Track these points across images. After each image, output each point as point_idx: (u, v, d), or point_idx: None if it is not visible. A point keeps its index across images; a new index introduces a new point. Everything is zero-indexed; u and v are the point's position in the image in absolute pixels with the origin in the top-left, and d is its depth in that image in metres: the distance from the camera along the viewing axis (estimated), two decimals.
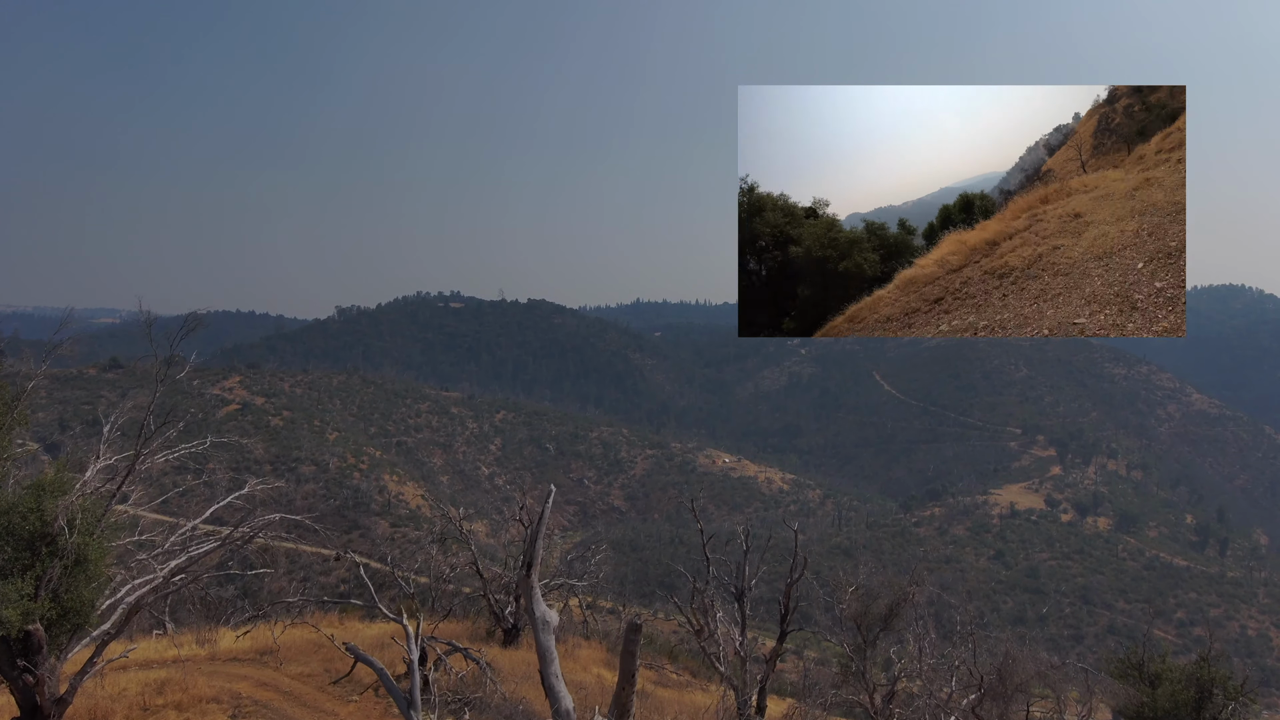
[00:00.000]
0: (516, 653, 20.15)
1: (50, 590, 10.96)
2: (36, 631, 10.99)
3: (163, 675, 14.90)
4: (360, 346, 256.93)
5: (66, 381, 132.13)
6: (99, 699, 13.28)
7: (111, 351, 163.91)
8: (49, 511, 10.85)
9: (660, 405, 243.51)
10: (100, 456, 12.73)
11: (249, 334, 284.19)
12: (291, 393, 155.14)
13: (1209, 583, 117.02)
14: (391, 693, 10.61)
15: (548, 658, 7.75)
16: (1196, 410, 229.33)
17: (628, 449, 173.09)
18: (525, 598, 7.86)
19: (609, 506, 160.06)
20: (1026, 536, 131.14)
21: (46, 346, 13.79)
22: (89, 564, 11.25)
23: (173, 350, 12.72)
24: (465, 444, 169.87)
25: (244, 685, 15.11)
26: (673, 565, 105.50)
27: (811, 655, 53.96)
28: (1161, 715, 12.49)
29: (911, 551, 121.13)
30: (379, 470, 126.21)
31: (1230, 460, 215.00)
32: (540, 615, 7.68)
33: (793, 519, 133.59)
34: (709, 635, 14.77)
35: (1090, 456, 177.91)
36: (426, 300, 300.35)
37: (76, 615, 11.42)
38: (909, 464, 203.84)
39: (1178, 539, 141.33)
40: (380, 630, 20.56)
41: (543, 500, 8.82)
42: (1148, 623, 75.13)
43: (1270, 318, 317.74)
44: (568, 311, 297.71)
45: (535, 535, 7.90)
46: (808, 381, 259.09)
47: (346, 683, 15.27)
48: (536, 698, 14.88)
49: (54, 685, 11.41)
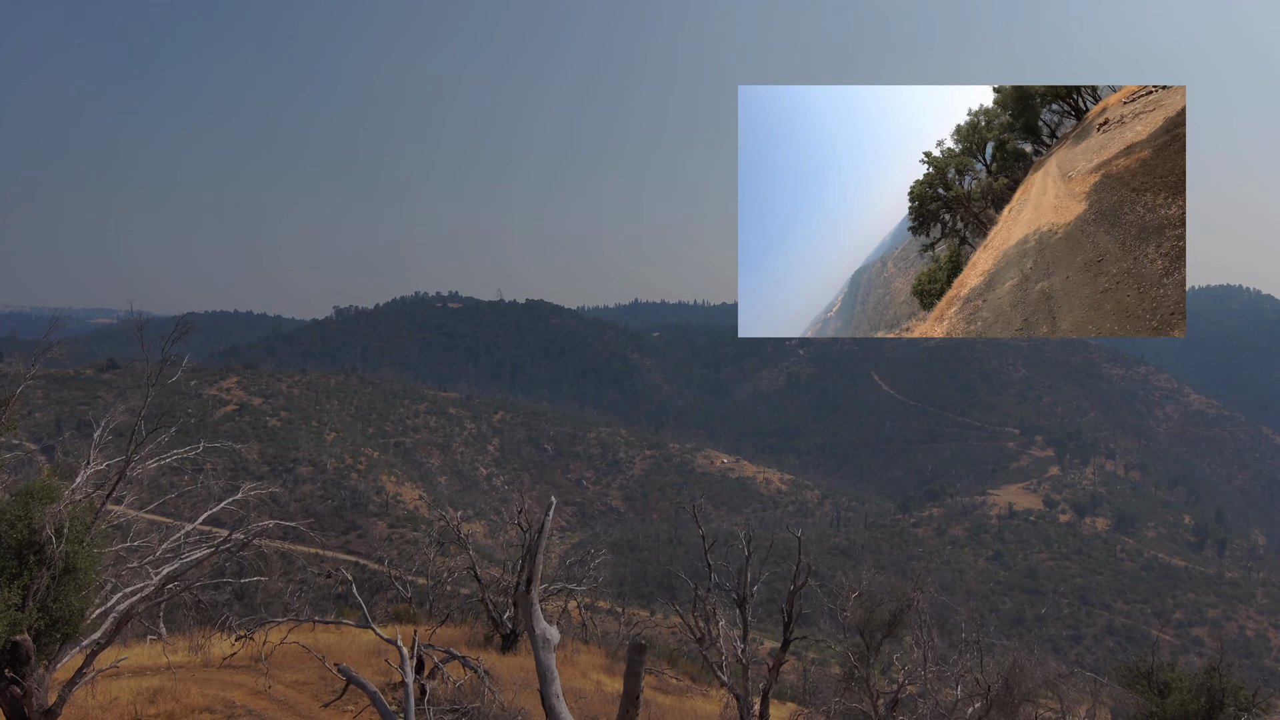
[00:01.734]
0: (515, 659, 19.90)
1: (38, 600, 10.71)
2: (24, 642, 10.74)
3: (155, 683, 14.65)
4: (358, 347, 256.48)
5: (63, 382, 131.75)
6: (89, 709, 13.04)
7: (109, 352, 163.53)
8: (36, 520, 10.61)
9: (659, 406, 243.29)
10: (90, 462, 12.49)
11: (247, 334, 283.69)
12: (289, 393, 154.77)
13: (1207, 583, 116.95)
14: (385, 717, 10.31)
15: (548, 677, 7.49)
16: (1194, 411, 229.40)
17: (626, 449, 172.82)
18: (525, 615, 7.62)
19: (607, 507, 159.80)
20: (1025, 537, 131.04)
21: (37, 349, 13.56)
22: (78, 573, 11.00)
23: (165, 353, 12.47)
24: (463, 444, 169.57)
25: (238, 694, 14.86)
26: (671, 567, 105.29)
27: (811, 656, 53.76)
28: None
29: (910, 552, 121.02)
30: (377, 471, 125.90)
31: (1228, 460, 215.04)
32: (540, 633, 7.42)
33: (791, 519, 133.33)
34: (711, 644, 14.54)
35: (1088, 457, 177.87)
36: (424, 300, 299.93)
37: (66, 625, 11.17)
38: (907, 464, 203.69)
39: (1176, 539, 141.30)
40: (373, 638, 20.28)
41: (543, 510, 8.55)
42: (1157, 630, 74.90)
43: (1268, 318, 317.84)
44: (566, 312, 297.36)
45: (535, 549, 7.63)
46: (806, 382, 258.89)
47: (342, 690, 15.01)
48: (535, 706, 14.64)
49: (42, 696, 11.16)
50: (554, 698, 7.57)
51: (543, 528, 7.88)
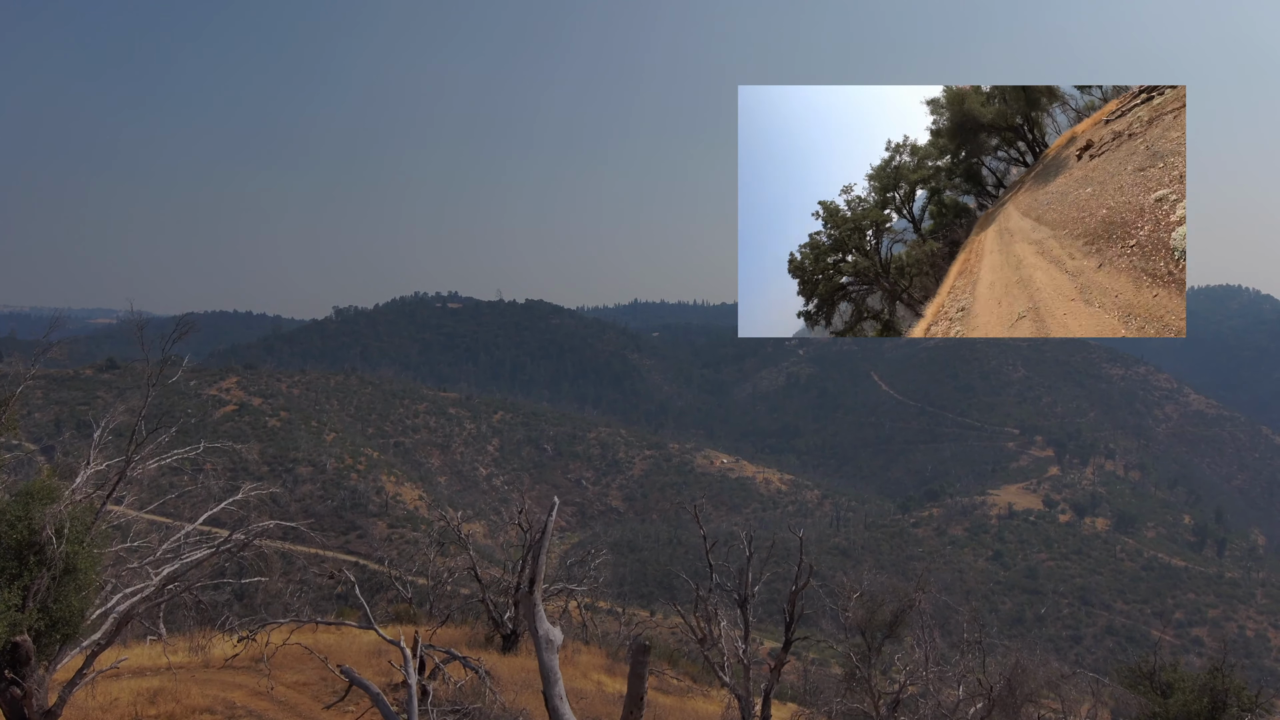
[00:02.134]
0: (516, 659, 19.87)
1: (39, 600, 10.68)
2: (24, 643, 10.70)
3: (155, 684, 14.61)
4: (358, 347, 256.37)
5: (63, 382, 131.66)
6: (89, 710, 13.00)
7: (108, 352, 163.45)
8: (37, 520, 10.57)
9: (658, 406, 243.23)
10: (90, 462, 12.46)
11: (246, 334, 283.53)
12: (289, 393, 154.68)
13: (1207, 583, 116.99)
14: (387, 718, 10.27)
15: (551, 679, 7.44)
16: (1194, 410, 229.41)
17: (626, 450, 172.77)
18: (528, 616, 7.57)
19: (607, 507, 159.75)
20: (1025, 537, 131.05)
21: (37, 348, 13.54)
22: (78, 573, 10.97)
23: (165, 353, 12.44)
24: (463, 444, 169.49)
25: (238, 694, 14.83)
26: (671, 567, 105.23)
27: (811, 656, 53.68)
28: None
29: (910, 552, 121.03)
30: (376, 471, 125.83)
31: (1228, 460, 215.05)
32: (544, 634, 7.38)
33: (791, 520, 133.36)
34: (713, 644, 14.51)
35: (1088, 457, 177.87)
36: (424, 300, 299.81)
37: (66, 625, 11.14)
38: (907, 464, 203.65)
39: (1175, 539, 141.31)
40: (374, 639, 20.24)
41: (545, 511, 8.52)
42: (1157, 630, 74.87)
43: (1267, 318, 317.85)
44: (565, 312, 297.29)
45: (538, 549, 7.57)
46: (806, 382, 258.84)
47: (344, 691, 14.98)
48: (536, 707, 14.62)
49: (42, 697, 11.13)
50: (557, 699, 7.53)
51: (545, 528, 7.82)
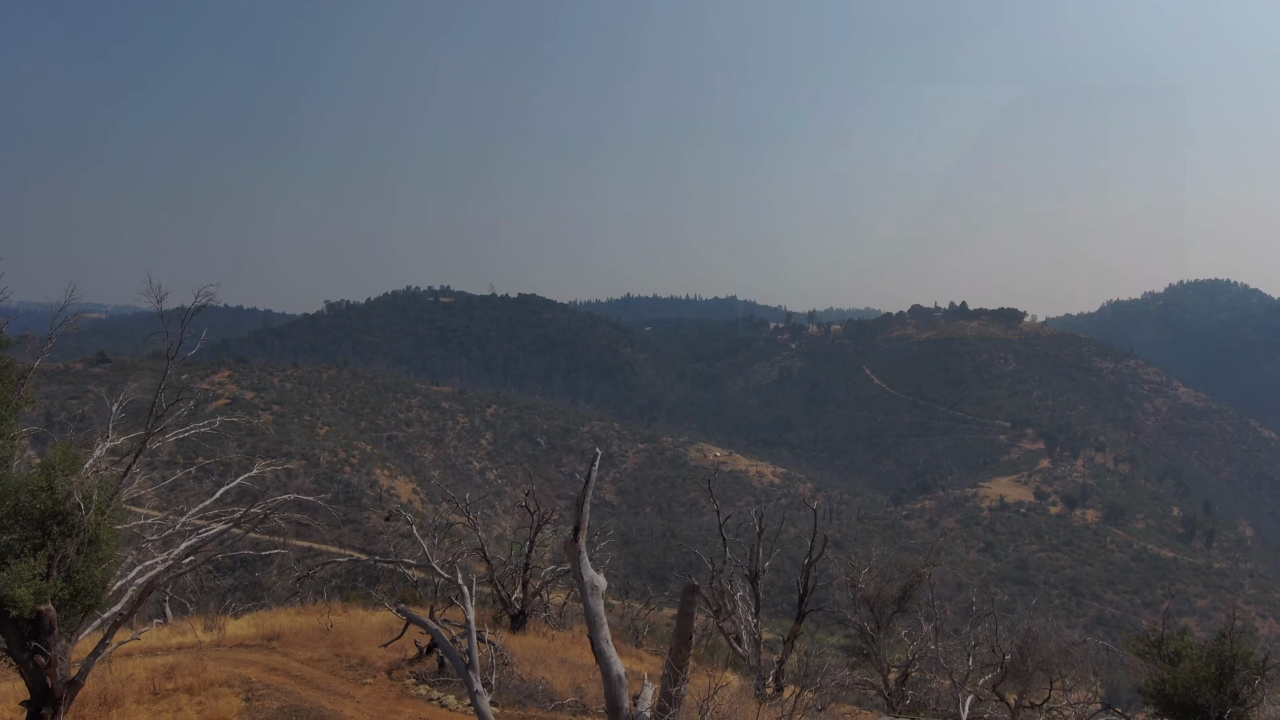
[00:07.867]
0: (525, 638, 20.00)
1: (64, 570, 10.71)
2: (48, 612, 10.73)
3: (171, 660, 14.67)
4: (350, 341, 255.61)
5: (53, 376, 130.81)
6: (109, 682, 13.05)
7: (98, 346, 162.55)
8: (60, 489, 10.60)
9: (651, 400, 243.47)
10: (108, 437, 12.50)
11: (237, 329, 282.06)
12: (281, 387, 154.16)
13: (1196, 574, 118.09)
14: (448, 654, 10.52)
15: (597, 623, 7.58)
16: (1183, 404, 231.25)
17: (619, 443, 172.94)
18: (573, 562, 7.72)
19: (600, 500, 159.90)
20: (1016, 529, 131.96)
21: (54, 321, 13.62)
22: (101, 544, 11.00)
23: (185, 327, 12.49)
24: (456, 438, 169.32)
25: (253, 670, 14.89)
26: (666, 558, 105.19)
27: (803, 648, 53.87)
28: (1182, 692, 12.47)
29: (902, 544, 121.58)
30: (370, 465, 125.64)
31: (1216, 453, 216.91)
32: (589, 580, 7.51)
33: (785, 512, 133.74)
34: (728, 616, 14.65)
35: (1078, 449, 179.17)
36: (416, 295, 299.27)
37: (88, 596, 11.16)
38: (899, 457, 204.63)
39: (1165, 531, 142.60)
40: (382, 619, 20.36)
41: (588, 464, 8.67)
42: (1147, 620, 75.53)
43: (1255, 312, 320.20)
44: (558, 306, 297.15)
45: (583, 498, 7.71)
46: (798, 376, 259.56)
47: (359, 666, 15.08)
48: (553, 679, 14.74)
49: (65, 667, 11.16)
50: (603, 642, 7.65)
51: (589, 478, 7.94)
